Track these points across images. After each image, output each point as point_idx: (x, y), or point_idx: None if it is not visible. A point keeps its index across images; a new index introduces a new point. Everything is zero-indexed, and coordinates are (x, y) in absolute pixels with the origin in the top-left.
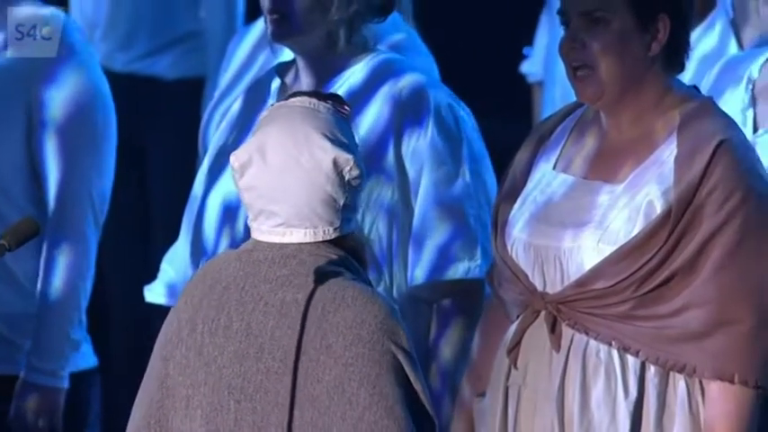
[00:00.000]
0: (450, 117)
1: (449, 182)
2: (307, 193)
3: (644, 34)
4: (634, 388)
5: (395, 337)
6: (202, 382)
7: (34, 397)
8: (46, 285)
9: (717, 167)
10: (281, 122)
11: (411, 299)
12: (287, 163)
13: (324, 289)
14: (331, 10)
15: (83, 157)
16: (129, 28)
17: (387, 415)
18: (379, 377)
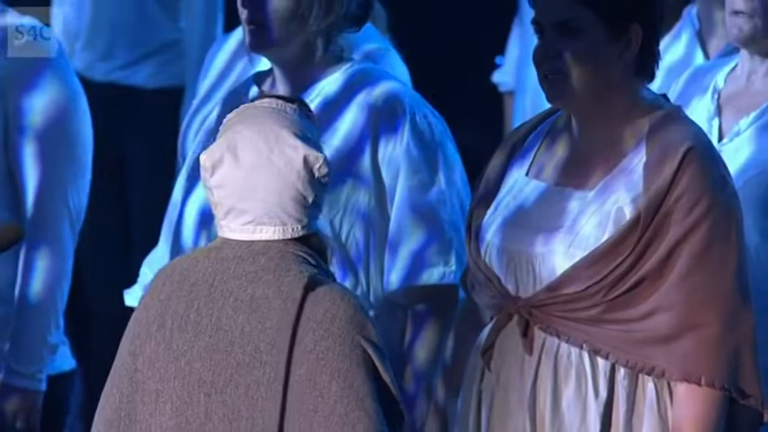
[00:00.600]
0: (425, 125)
1: (424, 189)
2: (278, 191)
3: (616, 44)
4: (604, 390)
5: (364, 332)
6: (172, 376)
7: (13, 399)
8: (23, 290)
9: (684, 175)
10: (251, 122)
11: (387, 303)
12: (258, 161)
13: (293, 284)
14: (309, 21)
15: (60, 163)
16: (110, 39)
17: (357, 407)
18: (349, 371)
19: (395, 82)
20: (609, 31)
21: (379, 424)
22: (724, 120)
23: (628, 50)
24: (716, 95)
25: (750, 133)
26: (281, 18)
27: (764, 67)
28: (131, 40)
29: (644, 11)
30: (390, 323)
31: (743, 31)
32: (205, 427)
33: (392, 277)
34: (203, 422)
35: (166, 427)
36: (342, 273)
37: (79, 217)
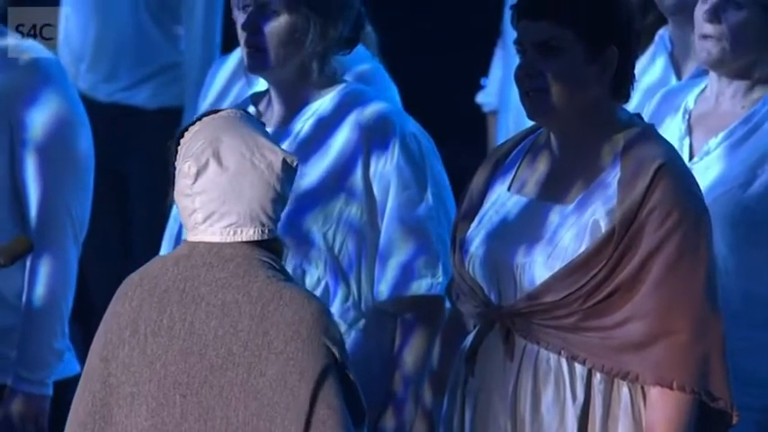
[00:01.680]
0: (415, 144)
1: (413, 204)
2: (260, 193)
3: (593, 64)
4: (581, 393)
5: (329, 333)
6: (147, 379)
7: (21, 404)
8: (30, 299)
9: (656, 189)
10: (228, 129)
11: (376, 312)
12: (243, 165)
13: (262, 289)
14: (305, 44)
15: (62, 175)
16: (113, 61)
17: (326, 405)
18: (316, 370)
19: (385, 103)
20: (587, 51)
21: (345, 420)
22: (694, 139)
23: (605, 71)
24: (686, 116)
25: (719, 153)
26: (277, 41)
27: (732, 89)
28: (133, 62)
29: (621, 34)
30: (381, 331)
31: (711, 54)
32: (181, 427)
33: (382, 287)
34: (179, 422)
35: (142, 427)
36: (334, 283)
37: (82, 227)
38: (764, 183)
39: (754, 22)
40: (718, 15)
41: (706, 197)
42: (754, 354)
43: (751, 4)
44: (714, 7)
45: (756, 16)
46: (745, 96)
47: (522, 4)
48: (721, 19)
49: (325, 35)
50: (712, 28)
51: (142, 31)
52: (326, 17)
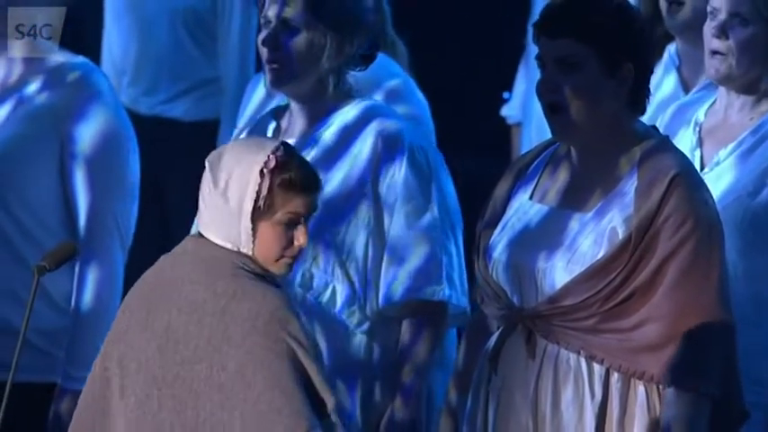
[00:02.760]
0: (423, 157)
1: (419, 215)
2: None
3: (611, 80)
4: (599, 392)
5: (288, 327)
6: (134, 372)
7: (70, 401)
8: (78, 302)
9: (672, 198)
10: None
11: (382, 316)
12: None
13: (226, 286)
14: (322, 60)
15: (109, 186)
16: (153, 76)
17: (281, 395)
18: (272, 362)
19: (396, 117)
20: (604, 67)
21: (301, 409)
22: (705, 150)
23: (622, 86)
24: (697, 128)
25: (728, 163)
26: (297, 57)
27: (740, 102)
28: (172, 77)
29: (637, 51)
30: (385, 334)
31: (720, 71)
32: (157, 418)
33: (387, 293)
34: (156, 413)
35: (131, 418)
36: (341, 287)
37: (128, 235)
38: None
39: (760, 37)
40: (726, 31)
41: (717, 205)
42: (762, 355)
43: (757, 21)
44: (722, 24)
45: (762, 32)
46: (752, 109)
47: (543, 22)
48: (729, 35)
49: (341, 52)
50: (720, 43)
51: (180, 47)
52: (343, 35)
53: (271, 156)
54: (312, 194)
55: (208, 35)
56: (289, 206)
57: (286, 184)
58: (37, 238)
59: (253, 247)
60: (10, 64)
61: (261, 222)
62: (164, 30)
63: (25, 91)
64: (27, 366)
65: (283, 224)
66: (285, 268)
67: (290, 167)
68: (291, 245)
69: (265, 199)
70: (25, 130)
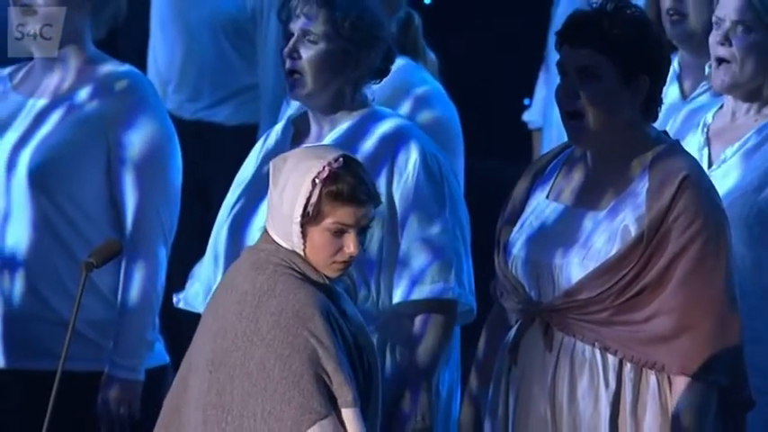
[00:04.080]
0: (434, 163)
1: (430, 218)
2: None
3: (627, 90)
4: (613, 382)
5: (308, 324)
6: (199, 355)
7: (116, 389)
8: (125, 295)
9: (681, 199)
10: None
11: (395, 313)
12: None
13: (264, 281)
14: (340, 72)
15: (154, 187)
16: (197, 83)
17: (294, 386)
18: (290, 356)
19: (409, 125)
20: (622, 79)
21: (310, 402)
22: (713, 150)
23: (636, 96)
24: (705, 130)
25: (734, 161)
26: (315, 68)
27: (746, 105)
28: (214, 84)
29: (653, 64)
30: (397, 330)
31: (725, 81)
32: (206, 399)
33: (400, 291)
34: (206, 394)
35: (193, 397)
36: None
37: (171, 232)
38: None
39: (763, 44)
40: (730, 38)
41: (724, 200)
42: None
43: (759, 28)
44: (726, 31)
45: (764, 39)
46: (758, 112)
47: (567, 32)
48: (732, 42)
49: (358, 64)
50: (725, 50)
51: (222, 56)
52: (360, 48)
53: (326, 167)
54: (360, 207)
55: (247, 44)
56: (335, 216)
57: (333, 195)
58: (86, 235)
59: (304, 248)
60: (63, 72)
61: (310, 227)
62: (206, 40)
63: (76, 98)
64: (76, 356)
65: (332, 232)
66: (336, 272)
67: (340, 179)
68: (341, 251)
69: (314, 206)
70: (75, 135)
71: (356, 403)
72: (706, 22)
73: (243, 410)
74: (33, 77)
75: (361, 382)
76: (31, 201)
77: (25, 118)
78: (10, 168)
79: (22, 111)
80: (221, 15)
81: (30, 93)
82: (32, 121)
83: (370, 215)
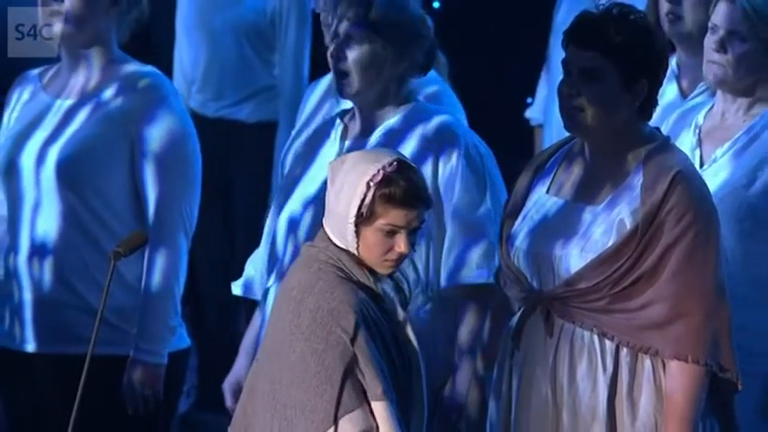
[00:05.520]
0: (476, 154)
1: (474, 207)
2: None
3: (626, 93)
4: (611, 365)
5: (341, 322)
6: (263, 343)
7: (140, 371)
8: (148, 283)
9: (674, 193)
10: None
11: (441, 298)
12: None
13: (308, 278)
14: (383, 70)
15: (175, 180)
16: (219, 83)
17: (326, 381)
18: (324, 351)
19: (452, 119)
20: (622, 82)
21: (341, 395)
22: (704, 150)
23: (635, 99)
24: (697, 130)
25: (725, 160)
26: (359, 67)
27: (735, 106)
28: (236, 84)
29: (652, 70)
30: (444, 313)
31: (717, 76)
32: (260, 386)
33: (447, 276)
34: (261, 381)
35: (257, 383)
36: (408, 275)
37: (192, 223)
38: (765, 183)
39: (756, 52)
40: (725, 46)
41: (715, 197)
42: (757, 330)
43: (753, 38)
44: (722, 39)
45: (758, 48)
46: (747, 112)
47: (574, 33)
48: (727, 49)
49: (400, 61)
50: (719, 56)
51: (243, 58)
52: (401, 46)
53: (380, 170)
54: (411, 210)
55: (267, 47)
56: (387, 217)
57: (386, 197)
58: (110, 225)
59: (357, 247)
60: (89, 72)
61: (363, 227)
62: (228, 42)
63: (102, 96)
64: (103, 340)
65: (384, 232)
66: (387, 269)
67: (393, 183)
68: (393, 250)
69: (368, 208)
70: (101, 131)
71: (386, 396)
72: (702, 23)
73: (287, 400)
74: (61, 78)
75: (400, 377)
76: (59, 193)
77: (54, 116)
78: (39, 163)
79: (51, 110)
80: (242, 20)
81: (58, 93)
82: (61, 119)
83: (421, 217)
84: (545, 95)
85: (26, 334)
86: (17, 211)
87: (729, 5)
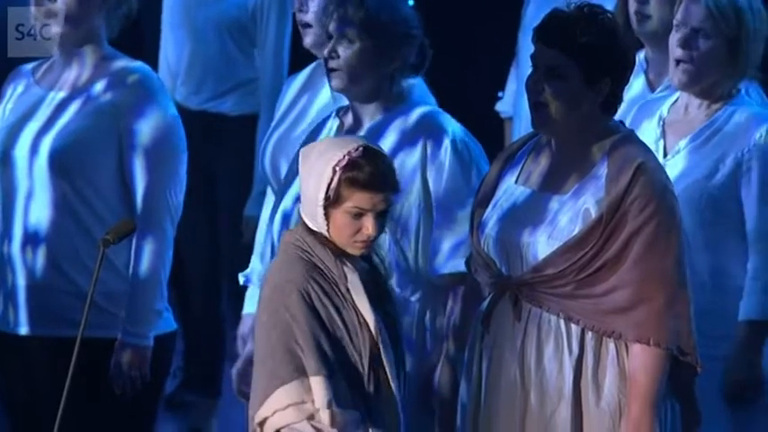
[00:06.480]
0: (464, 148)
1: (461, 198)
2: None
3: (590, 91)
4: (576, 348)
5: (286, 300)
6: None
7: (128, 353)
8: (136, 269)
9: (637, 183)
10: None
11: (430, 285)
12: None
13: (276, 258)
14: (375, 68)
15: (162, 171)
16: (202, 77)
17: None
18: (272, 328)
19: (441, 115)
20: (585, 80)
21: (279, 369)
22: (668, 141)
23: (598, 96)
24: (661, 122)
25: (687, 151)
26: (352, 64)
27: (699, 100)
28: (218, 78)
29: (616, 69)
30: (434, 301)
31: (682, 80)
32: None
33: (434, 266)
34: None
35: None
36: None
37: (177, 212)
38: (725, 174)
39: (718, 49)
40: (689, 43)
41: (677, 187)
42: (717, 315)
43: (716, 35)
44: (686, 36)
45: (720, 45)
46: (709, 107)
47: (542, 31)
48: (691, 46)
49: (392, 60)
50: (683, 53)
51: (225, 52)
52: (392, 46)
53: (345, 155)
54: (377, 193)
55: (249, 42)
56: (353, 200)
57: (350, 181)
58: (100, 214)
59: (328, 229)
60: (81, 68)
61: (332, 210)
62: (211, 37)
63: (92, 90)
64: (92, 324)
65: (351, 214)
66: (358, 251)
67: (358, 167)
68: (361, 231)
69: (334, 191)
70: (91, 123)
71: (321, 372)
72: (668, 22)
73: (253, 374)
74: (54, 72)
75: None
76: (51, 183)
77: (47, 108)
78: (33, 154)
79: (44, 102)
80: (225, 16)
81: (50, 86)
82: (53, 112)
83: (387, 200)
84: (514, 89)
85: (19, 317)
86: (11, 199)
87: (693, 4)
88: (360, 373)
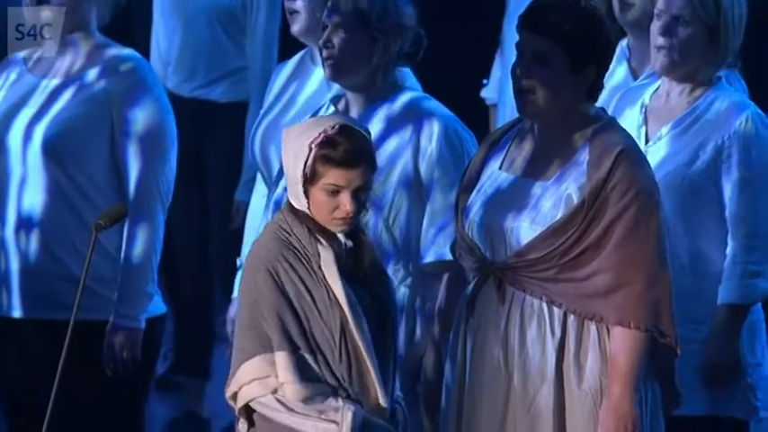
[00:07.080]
0: (456, 137)
1: (452, 187)
2: None
3: (574, 77)
4: (559, 331)
5: (256, 275)
6: None
7: (120, 335)
8: (127, 253)
9: (618, 170)
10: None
11: (422, 273)
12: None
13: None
14: (369, 58)
15: (154, 159)
16: (193, 64)
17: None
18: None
19: (434, 105)
20: (571, 67)
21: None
22: (649, 128)
23: (583, 82)
24: (643, 109)
25: (669, 138)
26: (346, 54)
27: (680, 88)
28: (209, 65)
29: (600, 56)
30: (425, 287)
31: (664, 64)
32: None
33: (425, 253)
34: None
35: None
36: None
37: (168, 198)
38: (705, 161)
39: (698, 36)
40: (670, 30)
41: (658, 173)
42: (697, 298)
43: (696, 23)
44: (666, 24)
45: (700, 32)
46: (690, 94)
47: (528, 18)
48: (672, 33)
49: (386, 50)
50: (664, 40)
51: (216, 40)
52: (387, 36)
53: (321, 133)
54: (351, 170)
55: (238, 31)
56: (328, 177)
57: (324, 158)
58: (93, 199)
59: (308, 206)
60: (73, 56)
61: (310, 187)
62: (202, 26)
63: (85, 78)
64: (85, 307)
65: (328, 192)
66: (338, 228)
67: (332, 144)
68: (339, 208)
69: (310, 168)
70: (84, 111)
71: (284, 347)
72: (650, 10)
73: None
74: (47, 59)
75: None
76: (44, 169)
77: (40, 96)
78: (26, 140)
79: (37, 90)
80: (215, 4)
81: (43, 74)
82: (46, 99)
83: (364, 177)
84: (499, 77)
85: (13, 301)
86: (5, 185)
87: None
88: (332, 348)
